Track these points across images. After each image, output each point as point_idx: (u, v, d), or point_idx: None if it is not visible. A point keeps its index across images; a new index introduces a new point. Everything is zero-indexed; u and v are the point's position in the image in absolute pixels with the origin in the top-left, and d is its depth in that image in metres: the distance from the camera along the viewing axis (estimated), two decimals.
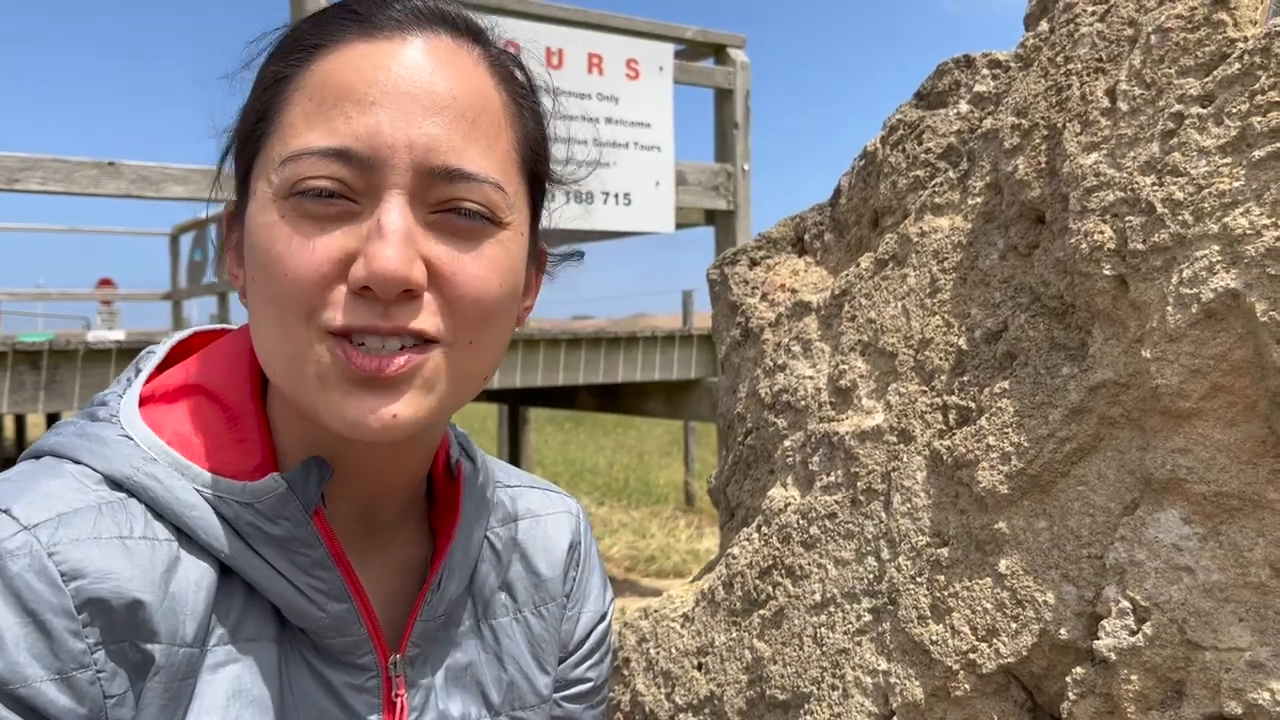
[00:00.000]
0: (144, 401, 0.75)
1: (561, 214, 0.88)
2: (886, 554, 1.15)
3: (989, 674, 1.03)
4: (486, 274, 0.69)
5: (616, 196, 5.12)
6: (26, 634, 0.62)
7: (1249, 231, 0.84)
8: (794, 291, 1.46)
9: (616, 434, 17.30)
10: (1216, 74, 0.90)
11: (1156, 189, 0.92)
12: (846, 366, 1.27)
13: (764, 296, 1.51)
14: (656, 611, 1.46)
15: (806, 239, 1.52)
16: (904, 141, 1.32)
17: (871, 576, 1.16)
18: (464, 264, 0.68)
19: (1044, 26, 1.18)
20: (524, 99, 0.76)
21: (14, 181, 4.21)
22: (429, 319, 0.67)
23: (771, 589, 1.28)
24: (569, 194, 0.85)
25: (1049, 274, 1.05)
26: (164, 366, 0.80)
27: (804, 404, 1.34)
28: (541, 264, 0.84)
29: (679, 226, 5.95)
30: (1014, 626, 1.01)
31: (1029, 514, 1.02)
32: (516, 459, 9.82)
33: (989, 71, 1.24)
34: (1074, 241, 0.98)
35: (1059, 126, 1.05)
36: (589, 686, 0.98)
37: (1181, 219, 0.89)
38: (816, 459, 1.28)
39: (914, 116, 1.32)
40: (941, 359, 1.15)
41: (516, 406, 10.02)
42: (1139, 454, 0.94)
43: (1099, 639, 0.93)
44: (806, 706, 1.19)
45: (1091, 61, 1.03)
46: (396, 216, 0.66)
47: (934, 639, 1.07)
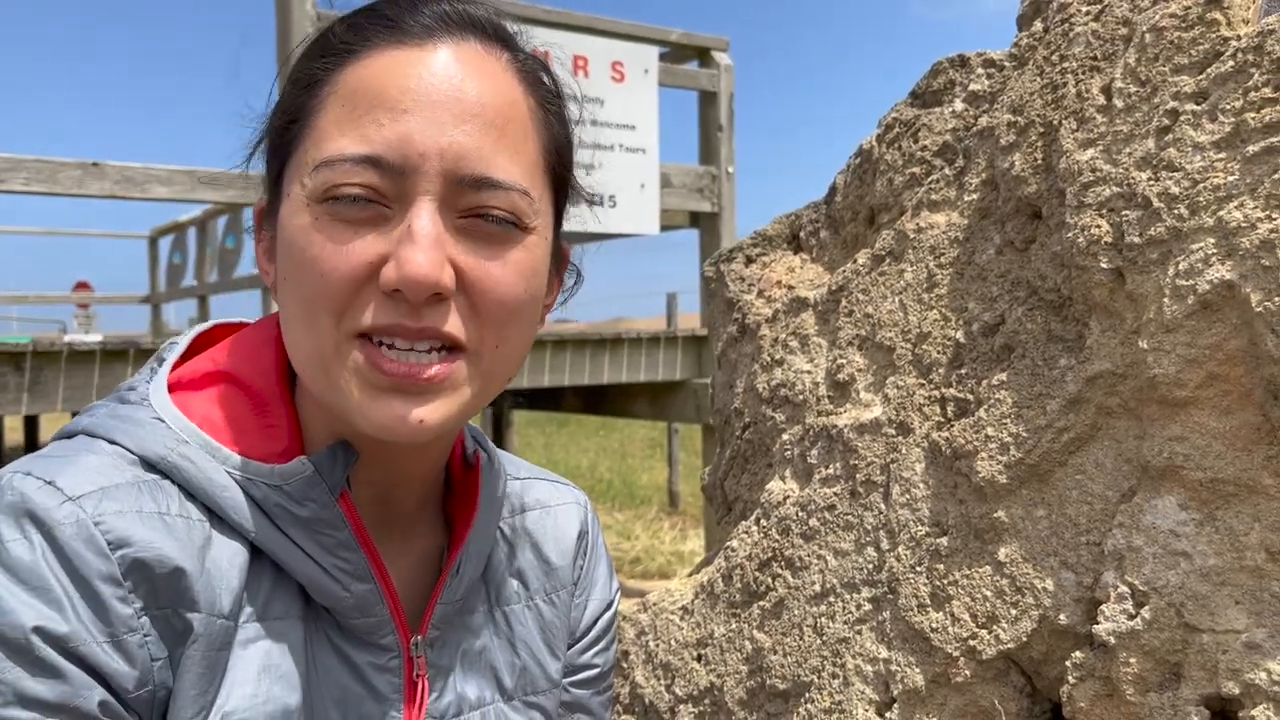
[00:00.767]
0: (171, 388, 0.76)
1: None
2: (886, 544, 1.17)
3: (989, 660, 1.05)
4: (512, 278, 0.71)
5: (602, 198, 5.14)
6: (80, 598, 0.64)
7: (1244, 224, 0.86)
8: (790, 288, 1.48)
9: (600, 436, 17.31)
10: (1210, 71, 0.92)
11: (1152, 184, 0.94)
12: (844, 361, 1.29)
13: (760, 293, 1.53)
14: (655, 605, 1.48)
15: (802, 236, 1.54)
16: (900, 139, 1.34)
17: (871, 566, 1.18)
18: (490, 269, 0.70)
19: (1038, 26, 1.20)
20: (551, 105, 0.77)
21: None
22: (456, 323, 0.69)
23: (771, 580, 1.30)
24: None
25: (1046, 268, 1.07)
26: (185, 358, 0.81)
27: (802, 398, 1.35)
28: (563, 265, 0.85)
29: (663, 228, 5.97)
30: (1014, 613, 1.03)
31: (1028, 503, 1.04)
32: None
33: (983, 70, 1.27)
34: (1071, 235, 1.00)
35: (1055, 123, 1.07)
36: (596, 672, 1.00)
37: (1177, 213, 0.91)
38: (815, 452, 1.30)
39: (909, 115, 1.34)
40: (939, 352, 1.17)
41: (501, 408, 10.02)
42: (1136, 443, 0.96)
43: (1098, 624, 0.95)
44: (807, 695, 1.21)
45: (1087, 60, 1.06)
46: (427, 222, 0.68)
47: (934, 627, 1.09)
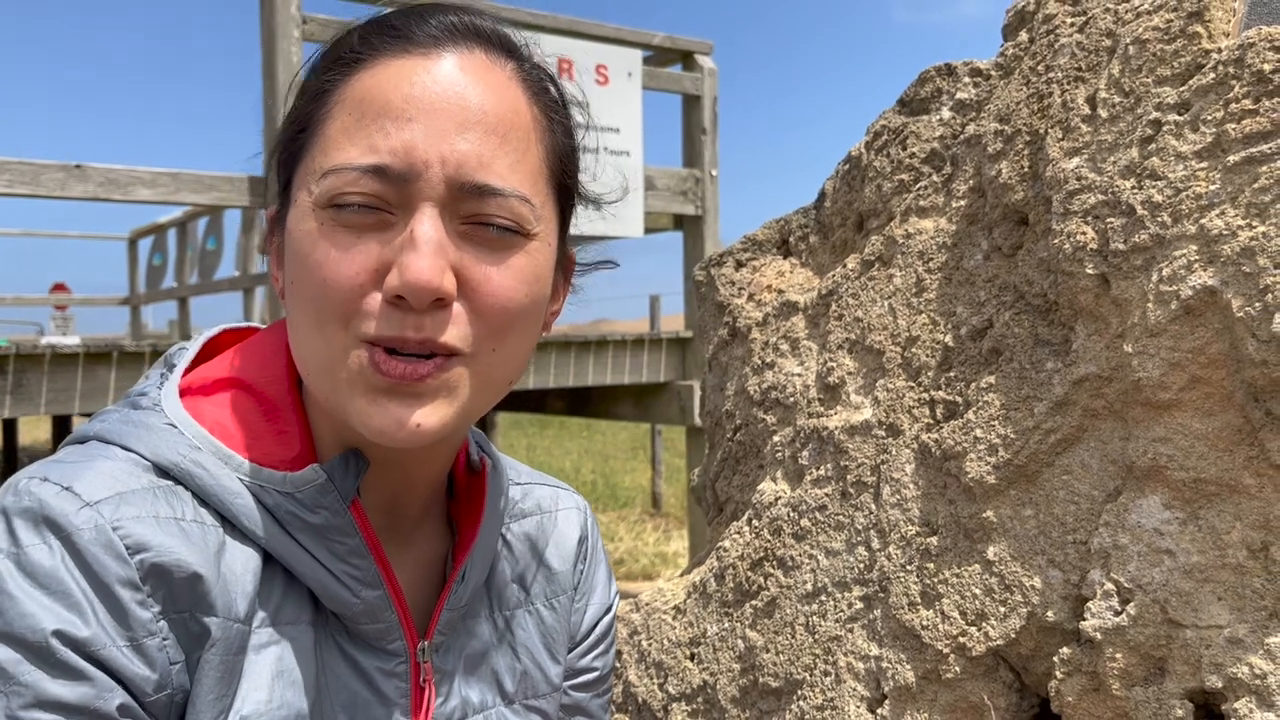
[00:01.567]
0: (182, 394, 0.77)
1: None
2: (877, 544, 1.19)
3: (978, 656, 1.07)
4: (513, 284, 0.72)
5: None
6: (100, 602, 0.65)
7: (1225, 232, 0.89)
8: (780, 292, 1.50)
9: (583, 438, 17.30)
10: (1192, 83, 0.95)
11: (1136, 192, 0.97)
12: (835, 364, 1.32)
13: (751, 297, 1.55)
14: (648, 604, 1.49)
15: (792, 241, 1.57)
16: (888, 147, 1.37)
17: (862, 566, 1.20)
18: (491, 274, 0.71)
19: (1023, 37, 1.23)
20: (555, 113, 0.79)
21: None
22: (456, 331, 0.70)
23: (763, 580, 1.32)
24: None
25: (1033, 273, 1.10)
26: (195, 363, 0.82)
27: (793, 400, 1.38)
28: (569, 271, 0.87)
29: (647, 231, 5.99)
30: (1002, 610, 1.05)
31: (1016, 503, 1.06)
32: None
33: (970, 79, 1.29)
34: (1057, 242, 1.03)
35: (1041, 132, 1.09)
36: (595, 675, 1.01)
37: (1161, 220, 0.94)
38: (806, 453, 1.32)
39: (897, 122, 1.37)
40: (928, 356, 1.20)
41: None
42: (1121, 444, 0.99)
43: (1085, 620, 0.98)
44: (799, 693, 1.23)
45: (1072, 70, 1.08)
46: (429, 228, 0.69)
47: (924, 624, 1.11)
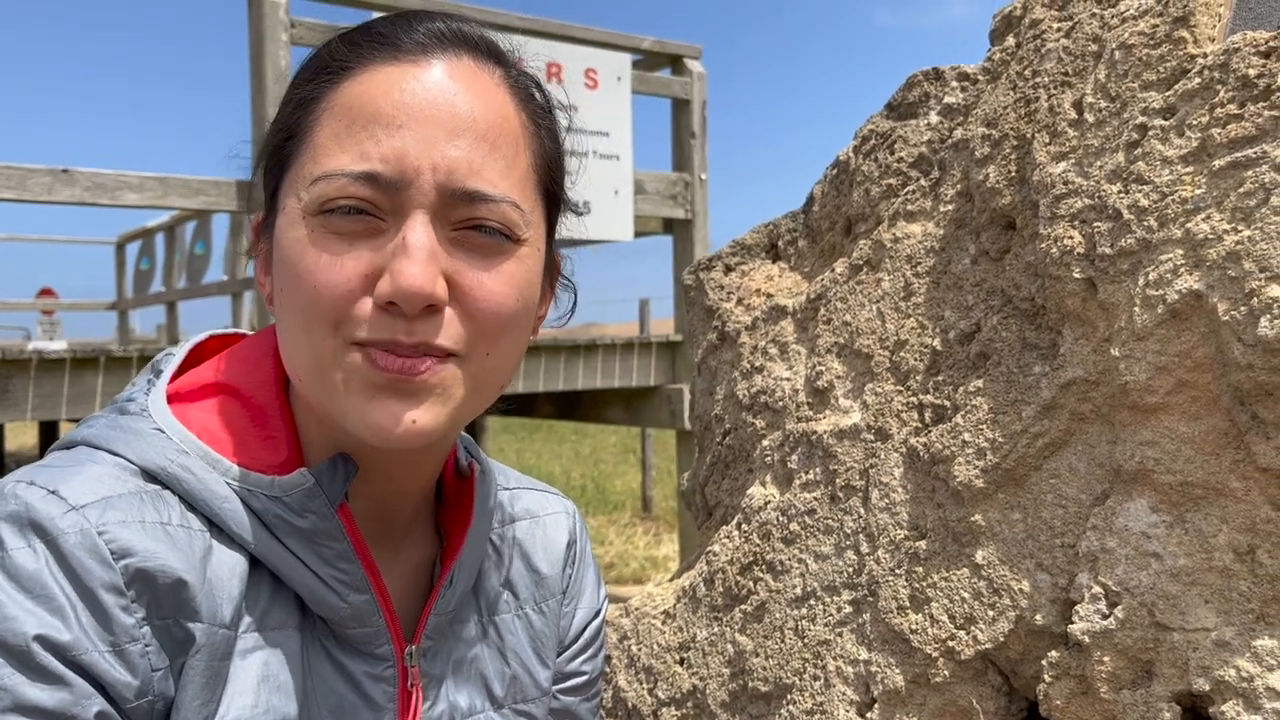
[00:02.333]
0: (170, 399, 0.77)
1: None
2: (865, 548, 1.19)
3: (967, 660, 1.07)
4: (505, 289, 0.73)
5: (576, 205, 5.14)
6: (83, 607, 0.64)
7: (1210, 236, 0.90)
8: (769, 296, 1.50)
9: (572, 441, 17.29)
10: (1178, 88, 0.96)
11: (1123, 196, 0.97)
12: (823, 368, 1.32)
13: (739, 301, 1.55)
14: (637, 609, 1.49)
15: (780, 245, 1.57)
16: (876, 151, 1.37)
17: (851, 570, 1.20)
18: (483, 280, 0.72)
19: (1010, 41, 1.23)
20: (542, 119, 0.79)
21: None
22: (449, 334, 0.71)
23: (753, 584, 1.32)
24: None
25: (1020, 277, 1.10)
26: (183, 368, 0.82)
27: (782, 404, 1.38)
28: (555, 274, 0.87)
29: (636, 234, 6.00)
30: (991, 614, 1.05)
31: (1004, 506, 1.06)
32: None
33: (958, 84, 1.30)
34: (1044, 246, 1.03)
35: (1028, 137, 1.10)
36: (584, 679, 1.01)
37: (1147, 224, 0.94)
38: (795, 457, 1.32)
39: (885, 127, 1.37)
40: (917, 359, 1.20)
41: None
42: (1108, 447, 0.99)
43: (1073, 623, 0.98)
44: (789, 697, 1.23)
45: (1058, 75, 1.09)
46: (421, 234, 0.69)
47: (913, 628, 1.11)
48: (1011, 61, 1.19)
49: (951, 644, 1.08)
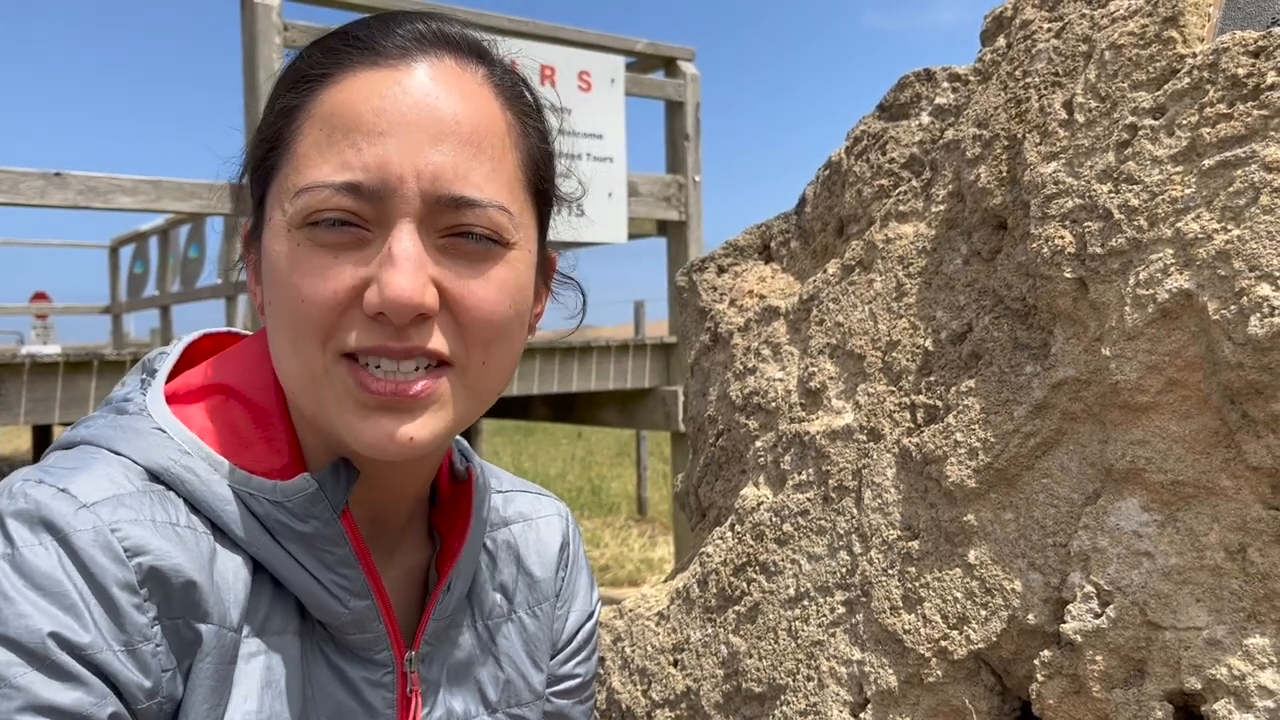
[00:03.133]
0: (168, 399, 0.76)
1: None
2: (858, 548, 1.19)
3: (960, 660, 1.07)
4: (496, 295, 0.72)
5: (570, 208, 5.14)
6: (98, 605, 0.64)
7: (1200, 235, 0.90)
8: (762, 297, 1.50)
9: (567, 444, 17.27)
10: (1167, 88, 0.96)
11: (1113, 196, 0.97)
12: (816, 369, 1.32)
13: (732, 302, 1.55)
14: (631, 611, 1.49)
15: (773, 246, 1.57)
16: (868, 152, 1.37)
17: (844, 570, 1.20)
18: (473, 287, 0.71)
19: (1001, 42, 1.23)
20: (529, 118, 0.78)
21: None
22: (441, 340, 0.70)
23: (746, 585, 1.32)
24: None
25: (1011, 277, 1.10)
26: (178, 368, 0.81)
27: (774, 405, 1.38)
28: (550, 274, 0.86)
29: (630, 236, 5.99)
30: (984, 614, 1.05)
31: (996, 506, 1.06)
32: None
33: (949, 85, 1.30)
34: (1035, 246, 1.03)
35: (1019, 137, 1.10)
36: (578, 682, 1.01)
37: (1137, 224, 0.95)
38: (788, 458, 1.32)
39: (877, 128, 1.37)
40: (909, 360, 1.20)
41: None
42: (1100, 446, 0.99)
43: (1065, 623, 0.98)
44: (783, 698, 1.23)
45: (1049, 76, 1.09)
46: (407, 243, 0.68)
47: (906, 628, 1.11)
48: (1002, 62, 1.19)
49: (944, 644, 1.08)
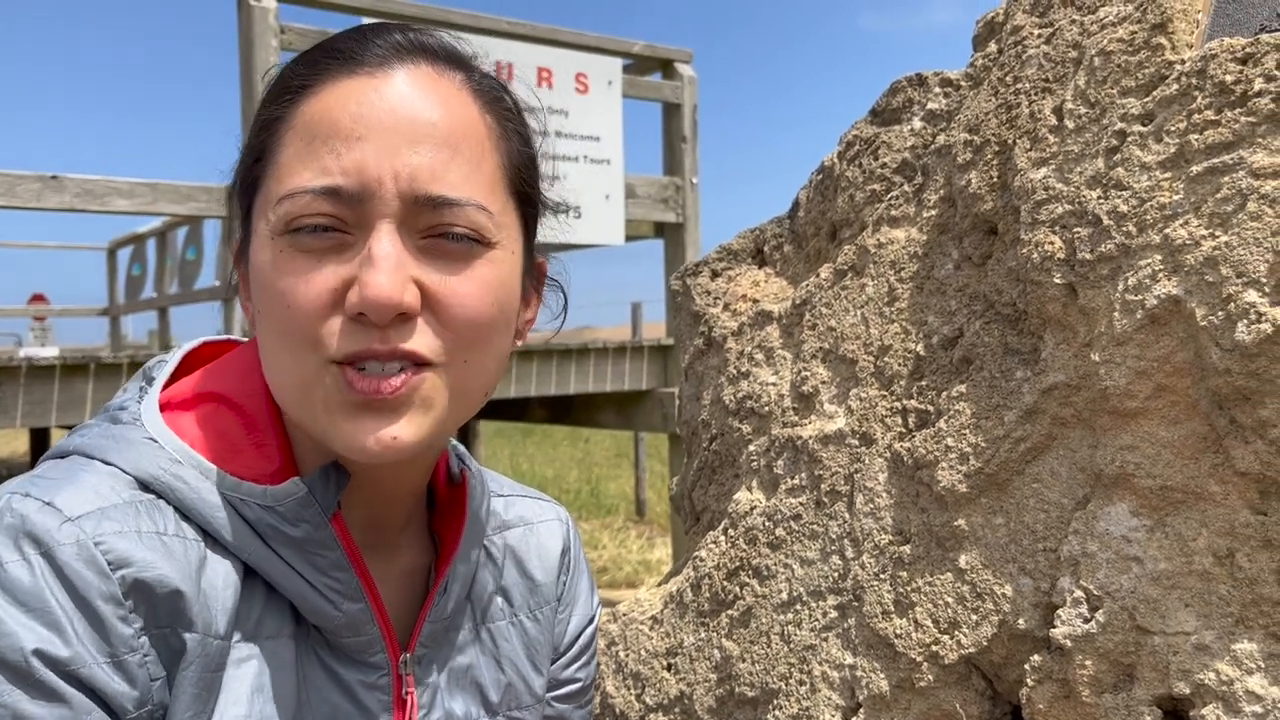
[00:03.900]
0: (162, 408, 0.77)
1: None
2: (850, 552, 1.20)
3: (951, 664, 1.07)
4: (478, 294, 0.72)
5: (567, 209, 5.15)
6: (81, 619, 0.64)
7: (1188, 241, 0.90)
8: (755, 301, 1.50)
9: (565, 446, 17.28)
10: (1156, 94, 0.96)
11: (1102, 202, 0.97)
12: (808, 373, 1.32)
13: (726, 306, 1.55)
14: (625, 615, 1.49)
15: (766, 250, 1.57)
16: (860, 157, 1.38)
17: (836, 575, 1.21)
18: (454, 286, 0.71)
19: (992, 48, 1.24)
20: (510, 122, 0.79)
21: None
22: (423, 341, 0.71)
23: (739, 589, 1.32)
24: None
25: (1002, 282, 1.10)
26: (175, 376, 0.82)
27: (767, 410, 1.38)
28: (540, 279, 0.87)
29: (628, 238, 6.00)
30: (974, 618, 1.06)
31: (987, 511, 1.07)
32: None
33: (941, 90, 1.30)
34: (1026, 252, 1.04)
35: (1009, 143, 1.10)
36: (578, 686, 1.01)
37: (1126, 230, 0.95)
38: (781, 463, 1.32)
39: (869, 133, 1.38)
40: (900, 365, 1.20)
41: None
42: (1090, 452, 0.99)
43: (1055, 627, 0.98)
44: (775, 702, 1.23)
45: (1039, 81, 1.09)
46: (386, 244, 0.69)
47: (898, 633, 1.12)
48: (994, 67, 1.20)
49: (935, 648, 1.08)
